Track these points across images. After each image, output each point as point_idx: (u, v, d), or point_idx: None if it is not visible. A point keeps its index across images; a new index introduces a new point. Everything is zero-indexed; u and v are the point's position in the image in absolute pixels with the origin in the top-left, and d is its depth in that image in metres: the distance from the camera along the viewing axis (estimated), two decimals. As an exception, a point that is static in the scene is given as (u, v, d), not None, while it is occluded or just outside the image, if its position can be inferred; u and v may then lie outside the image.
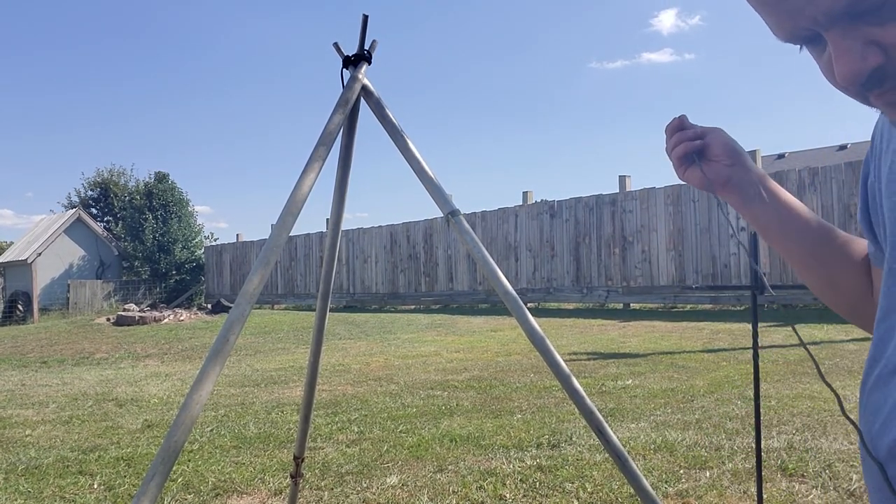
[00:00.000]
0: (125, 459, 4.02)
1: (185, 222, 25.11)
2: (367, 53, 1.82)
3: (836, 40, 0.52)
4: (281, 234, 1.52)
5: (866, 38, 0.51)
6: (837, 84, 0.54)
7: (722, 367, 6.15)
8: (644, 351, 7.45)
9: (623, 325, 10.20)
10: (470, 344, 9.09)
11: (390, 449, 3.98)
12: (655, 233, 12.47)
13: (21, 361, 10.10)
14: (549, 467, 3.46)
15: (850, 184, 10.38)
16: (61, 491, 3.49)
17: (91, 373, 8.47)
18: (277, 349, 9.96)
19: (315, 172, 1.60)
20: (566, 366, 1.60)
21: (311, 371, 2.16)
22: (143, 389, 6.72)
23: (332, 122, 1.68)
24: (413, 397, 5.56)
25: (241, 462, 3.86)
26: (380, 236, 17.46)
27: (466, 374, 6.61)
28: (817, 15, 0.51)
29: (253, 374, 7.41)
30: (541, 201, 14.83)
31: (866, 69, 0.52)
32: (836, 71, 0.53)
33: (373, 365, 7.65)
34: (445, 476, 3.44)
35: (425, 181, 1.76)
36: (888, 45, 0.51)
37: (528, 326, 1.60)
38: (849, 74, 0.52)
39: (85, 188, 30.61)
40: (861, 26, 0.51)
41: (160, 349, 10.65)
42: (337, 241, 2.06)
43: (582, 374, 6.08)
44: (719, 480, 3.14)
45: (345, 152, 1.92)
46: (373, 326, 11.90)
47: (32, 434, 4.85)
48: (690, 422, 4.22)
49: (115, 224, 26.75)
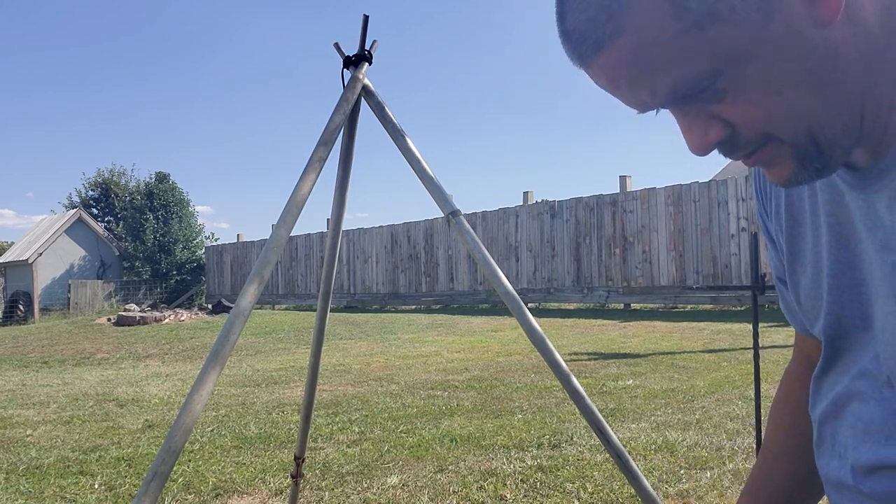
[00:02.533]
0: (126, 459, 4.02)
1: (186, 222, 25.12)
2: (367, 53, 1.82)
3: (678, 116, 0.57)
4: (282, 234, 1.52)
5: (709, 113, 0.55)
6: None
7: (722, 368, 6.14)
8: (645, 351, 7.44)
9: (623, 326, 10.19)
10: (470, 344, 9.09)
11: (391, 449, 3.98)
12: (656, 233, 12.47)
13: (22, 361, 10.11)
14: (550, 467, 3.46)
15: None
16: (62, 491, 3.49)
17: (92, 373, 8.48)
18: (278, 349, 9.96)
19: (315, 172, 1.60)
20: (567, 366, 1.60)
21: (312, 371, 2.16)
22: (144, 389, 6.72)
23: (332, 122, 1.68)
24: (414, 397, 5.56)
25: (241, 462, 3.87)
26: (380, 236, 17.46)
27: (467, 374, 6.61)
28: (654, 104, 0.56)
29: (254, 375, 7.41)
30: (541, 201, 14.83)
31: (709, 142, 0.56)
32: (686, 142, 0.58)
33: (373, 365, 7.65)
34: (446, 476, 3.44)
35: (426, 181, 1.76)
36: (729, 120, 0.55)
37: (528, 326, 1.60)
38: (694, 148, 0.57)
39: (86, 188, 30.62)
40: (700, 104, 0.55)
41: (161, 349, 10.66)
42: (337, 242, 2.06)
43: (582, 375, 6.08)
44: (720, 481, 3.13)
45: (345, 152, 1.92)
46: (373, 326, 11.90)
47: (33, 434, 4.85)
48: (691, 422, 4.22)
49: (116, 224, 26.76)
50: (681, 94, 0.54)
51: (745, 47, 0.52)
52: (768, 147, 0.57)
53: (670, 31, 0.51)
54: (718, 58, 0.52)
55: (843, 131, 0.56)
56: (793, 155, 0.57)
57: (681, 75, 0.53)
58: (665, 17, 0.51)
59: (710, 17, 0.50)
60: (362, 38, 1.81)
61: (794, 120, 0.55)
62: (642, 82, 0.54)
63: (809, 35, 0.52)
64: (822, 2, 0.51)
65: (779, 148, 0.57)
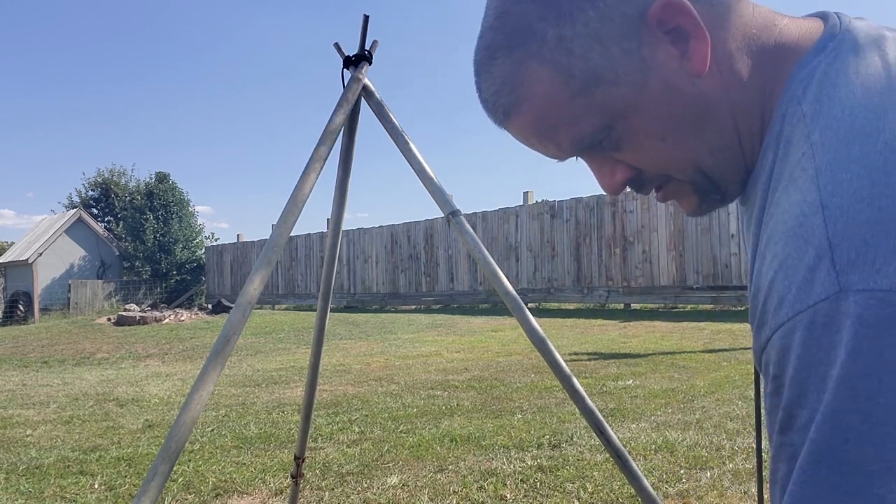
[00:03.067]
0: (126, 459, 4.02)
1: (186, 222, 25.13)
2: (367, 53, 1.81)
3: (588, 162, 0.66)
4: (282, 233, 1.52)
5: (613, 159, 0.64)
6: None
7: (722, 368, 6.14)
8: (645, 351, 7.44)
9: (624, 326, 10.19)
10: (470, 344, 9.09)
11: (391, 449, 3.98)
12: (656, 233, 12.47)
13: (22, 361, 10.11)
14: (550, 467, 3.46)
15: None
16: (62, 491, 3.49)
17: (92, 373, 8.48)
18: (278, 349, 9.96)
19: (316, 172, 1.60)
20: (567, 366, 1.60)
21: (312, 371, 2.16)
22: (144, 389, 6.72)
23: (332, 122, 1.68)
24: (414, 397, 5.56)
25: (241, 462, 3.87)
26: (380, 236, 17.46)
27: (467, 374, 6.61)
28: (564, 155, 0.65)
29: (254, 375, 7.41)
30: (541, 201, 14.83)
31: (618, 182, 0.65)
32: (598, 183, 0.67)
33: (373, 365, 7.65)
34: (446, 476, 3.44)
35: (426, 181, 1.75)
36: (629, 163, 0.64)
37: (528, 327, 1.60)
38: (605, 188, 0.66)
39: (86, 188, 30.63)
40: (603, 153, 0.64)
41: (161, 349, 10.66)
42: (338, 242, 2.06)
43: (582, 375, 6.08)
44: (720, 481, 3.13)
45: (345, 152, 1.92)
46: (373, 326, 11.90)
47: (33, 434, 4.85)
48: (691, 422, 4.22)
49: (116, 224, 26.76)
50: (583, 146, 0.63)
51: (628, 103, 0.59)
52: (671, 185, 0.65)
53: (562, 97, 0.59)
54: (608, 113, 0.60)
55: (729, 166, 0.63)
56: (693, 190, 0.65)
57: (578, 131, 0.61)
58: (555, 85, 0.59)
59: (595, 82, 0.59)
60: (362, 38, 1.81)
61: (684, 161, 0.62)
62: (548, 139, 0.63)
63: (683, 87, 0.59)
64: (692, 57, 0.58)
65: (680, 185, 0.65)
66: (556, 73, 0.59)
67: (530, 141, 0.64)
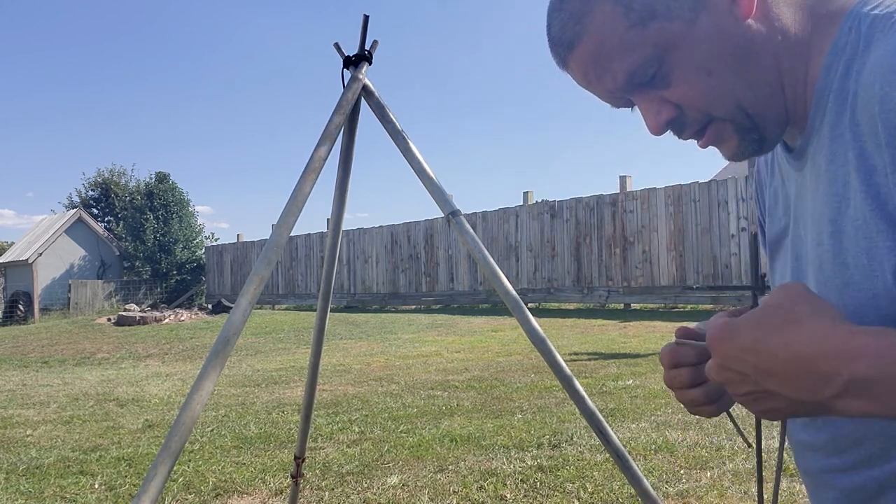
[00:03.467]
0: (126, 459, 4.02)
1: (186, 222, 25.12)
2: (367, 53, 1.81)
3: (638, 102, 0.71)
4: (282, 233, 1.52)
5: (660, 98, 0.69)
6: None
7: (723, 368, 6.14)
8: (645, 351, 7.44)
9: (624, 326, 10.19)
10: (471, 344, 9.09)
11: (391, 449, 3.98)
12: (656, 233, 12.47)
13: (22, 361, 10.11)
14: (550, 467, 3.46)
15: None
16: (62, 491, 3.49)
17: (92, 373, 8.48)
18: (278, 349, 9.96)
19: (316, 172, 1.60)
20: (567, 366, 1.60)
21: (312, 371, 2.16)
22: (144, 389, 6.72)
23: (332, 122, 1.68)
24: (414, 397, 5.56)
25: (241, 462, 3.87)
26: (380, 236, 17.46)
27: (467, 374, 6.61)
28: (616, 91, 0.69)
29: (253, 375, 7.41)
30: (541, 201, 14.82)
31: (662, 122, 0.70)
32: (645, 124, 0.72)
33: (373, 365, 7.65)
34: (446, 476, 3.44)
35: (426, 181, 1.75)
36: (676, 102, 0.69)
37: (528, 327, 1.60)
38: (651, 128, 0.71)
39: (86, 188, 30.61)
40: (653, 91, 0.69)
41: (161, 349, 10.66)
42: (338, 242, 2.06)
43: (582, 375, 6.08)
44: (720, 481, 3.13)
45: (345, 152, 1.92)
46: (373, 326, 11.90)
47: (33, 434, 4.85)
48: (691, 422, 4.22)
49: (116, 224, 26.75)
50: (636, 79, 0.68)
51: (679, 37, 0.65)
52: (713, 125, 0.69)
53: (620, 28, 0.66)
54: (660, 46, 0.66)
55: (769, 106, 0.68)
56: (733, 130, 0.69)
57: (632, 62, 0.66)
58: (615, 17, 0.65)
59: (651, 16, 0.65)
60: (362, 38, 1.81)
61: (726, 98, 0.67)
62: (604, 71, 0.68)
63: (730, 28, 0.65)
64: (740, 1, 0.65)
65: (721, 126, 0.69)
66: (617, 5, 0.65)
67: (588, 76, 0.70)
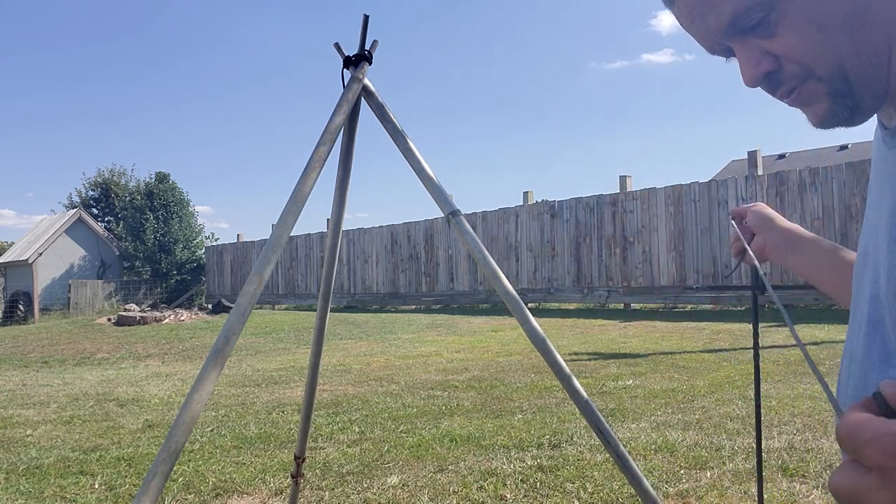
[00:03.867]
0: (126, 459, 4.02)
1: (186, 222, 25.12)
2: (367, 53, 1.81)
3: (737, 50, 0.68)
4: (282, 233, 1.52)
5: (761, 48, 0.66)
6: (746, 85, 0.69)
7: (722, 368, 6.14)
8: (645, 351, 7.44)
9: (624, 326, 10.19)
10: (471, 344, 9.09)
11: (391, 449, 3.98)
12: (656, 233, 12.47)
13: (22, 361, 10.11)
14: (550, 467, 3.46)
15: (850, 184, 10.36)
16: (62, 491, 3.49)
17: (92, 373, 8.48)
18: (278, 349, 9.96)
19: (316, 172, 1.60)
20: (567, 366, 1.60)
21: (312, 371, 2.16)
22: (144, 389, 6.72)
23: (332, 122, 1.68)
24: (414, 397, 5.56)
25: (241, 462, 3.87)
26: (380, 236, 17.46)
27: (467, 374, 6.61)
28: (718, 33, 0.67)
29: (253, 374, 7.41)
30: (541, 201, 14.83)
31: (760, 73, 0.67)
32: (741, 74, 0.68)
33: (373, 365, 7.65)
34: (446, 476, 3.44)
35: (426, 181, 1.75)
36: (778, 54, 0.66)
37: (528, 327, 1.60)
38: (747, 78, 0.68)
39: (86, 188, 30.61)
40: (755, 39, 0.66)
41: (161, 349, 10.66)
42: (338, 242, 2.06)
43: (582, 375, 6.08)
44: (720, 481, 3.13)
45: (345, 152, 1.92)
46: (373, 326, 11.90)
47: (33, 434, 4.85)
48: (691, 422, 4.22)
49: (116, 224, 26.75)
50: (741, 23, 0.65)
51: None
52: (807, 84, 0.67)
53: None
54: None
55: (872, 76, 0.65)
56: (827, 92, 0.66)
57: (741, 2, 0.64)
58: None
59: None
60: (362, 38, 1.81)
61: (830, 56, 0.64)
62: (709, 10, 0.66)
63: None
64: None
65: (816, 86, 0.66)
66: None
67: (694, 12, 0.68)
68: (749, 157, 11.72)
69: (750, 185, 11.40)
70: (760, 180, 11.30)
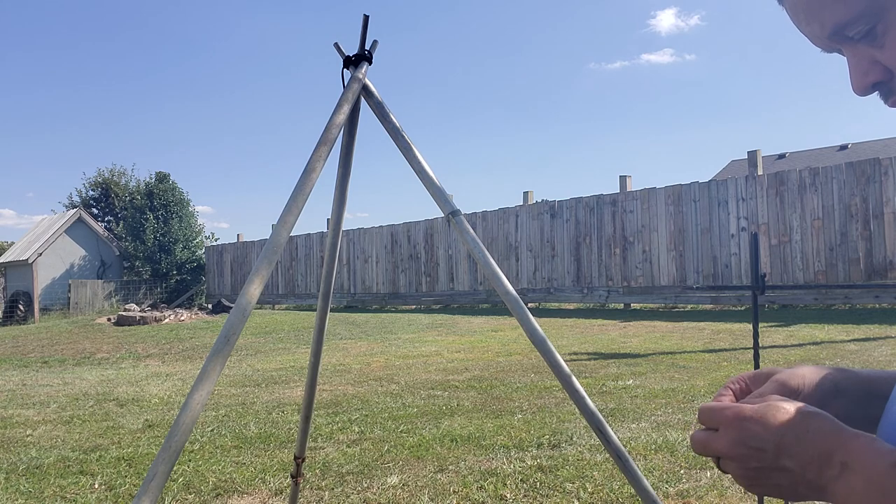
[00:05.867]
0: (126, 459, 4.02)
1: (186, 222, 25.11)
2: (367, 53, 1.81)
3: (847, 56, 0.66)
4: (282, 233, 1.52)
5: (871, 57, 0.64)
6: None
7: (723, 368, 6.14)
8: (645, 351, 7.44)
9: (624, 326, 10.19)
10: (471, 344, 9.09)
11: (391, 449, 3.98)
12: (656, 233, 12.47)
13: (22, 361, 10.11)
14: (550, 467, 3.46)
15: (850, 184, 10.37)
16: (62, 491, 3.49)
17: (92, 373, 8.48)
18: (278, 349, 9.96)
19: (316, 172, 1.60)
20: (567, 366, 1.60)
21: (312, 371, 2.16)
22: (144, 389, 6.72)
23: (332, 122, 1.68)
24: (414, 397, 5.56)
25: (241, 462, 3.87)
26: (380, 236, 17.46)
27: (467, 374, 6.61)
28: (825, 39, 0.65)
29: (253, 374, 7.41)
30: (541, 201, 14.83)
31: (868, 83, 0.65)
32: (850, 81, 0.66)
33: (373, 365, 7.65)
34: (446, 476, 3.44)
35: (426, 181, 1.75)
36: (888, 65, 0.63)
37: (528, 326, 1.60)
38: (855, 87, 0.66)
39: (86, 188, 30.64)
40: (864, 47, 0.64)
41: (161, 349, 10.66)
42: (338, 241, 2.06)
43: (582, 375, 6.08)
44: (720, 481, 3.13)
45: (345, 152, 1.92)
46: (373, 326, 11.90)
47: (33, 434, 4.85)
48: (691, 422, 4.22)
49: (116, 224, 26.76)
50: (843, 33, 0.63)
51: None
52: None
53: None
54: (877, 4, 0.61)
55: None
56: None
57: (844, 13, 0.62)
58: None
59: None
60: (362, 38, 1.81)
61: None
62: (814, 16, 0.65)
63: None
64: None
65: None
66: None
67: (798, 17, 0.67)
68: (749, 157, 11.73)
69: (750, 185, 11.40)
70: (760, 180, 11.30)
